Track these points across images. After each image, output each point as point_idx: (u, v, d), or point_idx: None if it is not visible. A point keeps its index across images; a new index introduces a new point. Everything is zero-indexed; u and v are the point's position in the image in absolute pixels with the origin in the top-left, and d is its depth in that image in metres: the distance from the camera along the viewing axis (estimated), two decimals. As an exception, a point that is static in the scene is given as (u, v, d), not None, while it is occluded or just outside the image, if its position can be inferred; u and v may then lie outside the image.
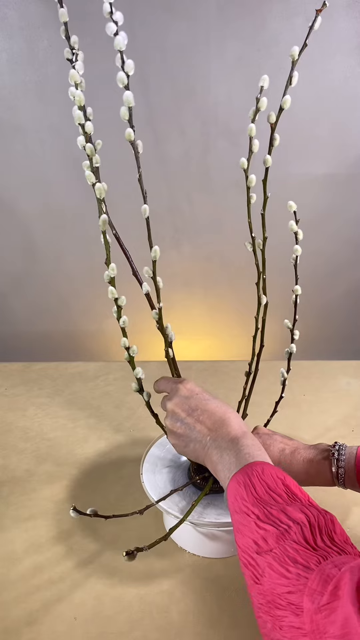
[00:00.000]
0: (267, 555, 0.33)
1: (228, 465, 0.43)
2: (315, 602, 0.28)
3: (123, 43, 0.39)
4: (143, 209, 0.47)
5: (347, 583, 0.27)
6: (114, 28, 0.38)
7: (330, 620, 0.27)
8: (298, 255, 0.57)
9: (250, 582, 0.35)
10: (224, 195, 1.30)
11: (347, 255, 1.42)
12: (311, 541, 0.33)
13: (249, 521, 0.37)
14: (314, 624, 0.28)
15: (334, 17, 1.08)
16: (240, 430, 0.47)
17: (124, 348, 0.54)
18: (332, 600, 0.27)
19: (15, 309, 1.51)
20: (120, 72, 0.41)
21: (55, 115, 1.20)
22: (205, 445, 0.47)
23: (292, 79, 0.49)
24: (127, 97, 0.41)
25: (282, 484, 0.39)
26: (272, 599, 0.32)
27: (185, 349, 1.52)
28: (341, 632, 0.26)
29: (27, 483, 0.73)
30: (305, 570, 0.31)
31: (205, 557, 0.59)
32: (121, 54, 0.40)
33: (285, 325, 0.60)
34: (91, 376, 1.08)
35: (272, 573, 0.32)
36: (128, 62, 0.40)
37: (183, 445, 0.50)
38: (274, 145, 0.52)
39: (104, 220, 0.47)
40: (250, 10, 1.09)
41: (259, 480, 0.39)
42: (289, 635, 0.30)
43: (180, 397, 0.51)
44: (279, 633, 0.31)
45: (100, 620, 0.51)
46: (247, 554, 0.35)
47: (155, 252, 0.49)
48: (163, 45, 1.13)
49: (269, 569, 0.33)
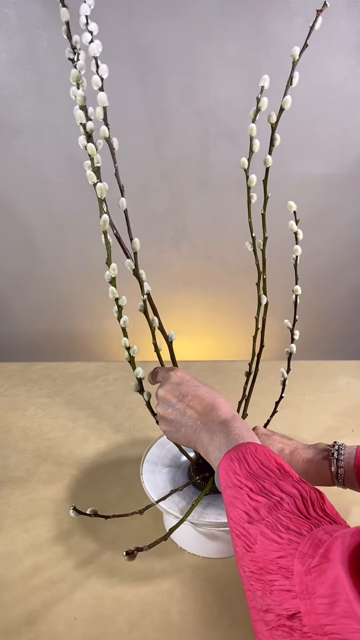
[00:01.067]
0: (260, 524, 0.34)
1: (219, 446, 0.44)
2: (305, 564, 0.29)
3: (97, 50, 0.44)
4: (121, 202, 0.48)
5: (338, 547, 0.27)
6: (89, 37, 0.44)
7: (320, 581, 0.27)
8: (298, 255, 0.57)
9: (242, 552, 0.35)
10: (224, 195, 1.30)
11: (348, 255, 1.42)
12: (304, 511, 0.34)
13: (242, 494, 0.37)
14: (304, 585, 0.28)
15: (334, 17, 1.08)
16: (230, 413, 0.48)
17: (125, 348, 0.54)
18: (322, 562, 0.28)
19: (16, 309, 1.51)
20: (94, 76, 0.45)
21: (56, 115, 1.20)
22: (196, 430, 0.48)
23: (292, 80, 0.49)
24: (101, 97, 0.45)
25: (275, 462, 0.40)
26: (263, 565, 0.32)
27: (185, 349, 1.52)
28: (330, 591, 0.26)
29: (27, 483, 0.73)
30: (297, 536, 0.31)
31: (205, 557, 0.59)
32: (96, 60, 0.44)
33: (285, 325, 0.60)
34: (91, 376, 1.08)
35: (264, 540, 0.33)
36: (102, 66, 0.44)
37: (174, 430, 0.50)
38: (274, 145, 0.52)
39: (105, 220, 0.47)
40: (250, 10, 1.09)
41: (252, 457, 0.40)
42: (279, 598, 0.30)
43: (172, 384, 0.52)
44: (269, 598, 0.31)
45: (100, 620, 0.51)
46: (239, 525, 0.36)
47: (135, 244, 0.50)
48: (163, 45, 1.13)
49: (261, 537, 0.33)
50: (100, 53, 0.44)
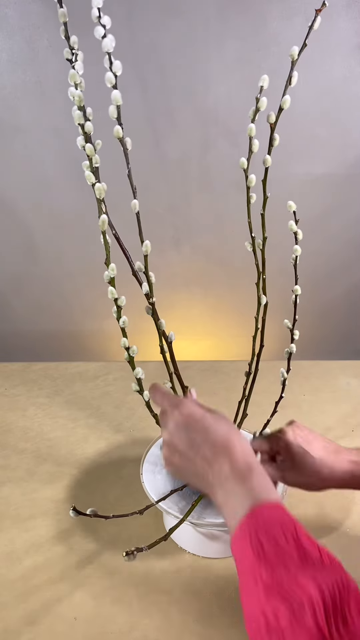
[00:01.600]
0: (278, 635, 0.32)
1: (233, 512, 0.39)
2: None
3: (111, 45, 0.41)
4: (133, 204, 0.47)
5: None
6: (102, 31, 0.41)
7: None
8: (298, 255, 0.57)
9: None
10: (224, 195, 1.30)
11: (347, 255, 1.42)
12: (325, 630, 0.31)
13: (257, 590, 0.34)
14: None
15: (333, 17, 1.08)
16: (245, 463, 0.42)
17: (124, 348, 0.54)
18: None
19: (15, 309, 1.51)
20: (108, 73, 0.43)
21: (55, 115, 1.20)
22: (208, 483, 0.43)
23: (291, 79, 0.49)
24: (115, 95, 0.43)
25: (292, 538, 0.36)
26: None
27: (185, 349, 1.52)
28: None
29: (27, 483, 0.73)
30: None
31: (205, 557, 0.59)
32: (109, 56, 0.42)
33: (285, 325, 0.60)
34: (91, 376, 1.08)
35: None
36: (116, 62, 0.42)
37: (182, 476, 0.46)
38: (273, 145, 0.52)
39: (103, 221, 0.47)
40: (250, 10, 1.09)
41: (266, 534, 0.36)
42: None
43: (178, 427, 0.45)
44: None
45: (100, 620, 0.51)
46: (256, 626, 0.33)
47: (147, 246, 0.49)
48: (163, 45, 1.13)
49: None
50: (113, 48, 0.41)
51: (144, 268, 0.50)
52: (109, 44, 0.41)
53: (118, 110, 0.44)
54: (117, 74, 0.43)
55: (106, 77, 0.43)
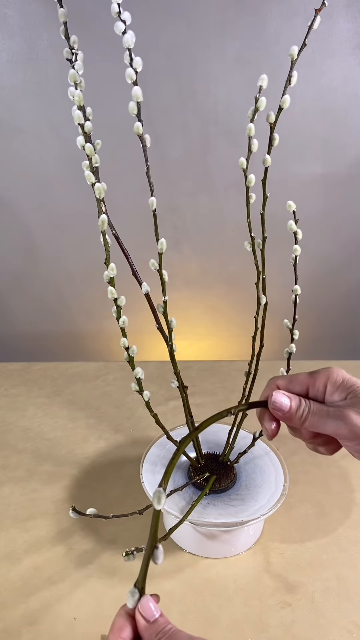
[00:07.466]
0: None
1: None
2: None
3: (132, 41, 0.41)
4: (150, 201, 0.47)
5: None
6: (122, 27, 0.40)
7: None
8: (297, 255, 0.57)
9: None
10: (224, 195, 1.30)
11: (347, 255, 1.42)
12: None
13: None
14: None
15: (333, 17, 1.08)
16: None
17: (124, 348, 0.54)
18: None
19: (15, 309, 1.51)
20: (128, 69, 0.42)
21: (55, 115, 1.20)
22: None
23: (291, 79, 0.49)
24: (136, 92, 0.42)
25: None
26: None
27: (185, 349, 1.52)
28: None
29: (27, 483, 0.73)
30: None
31: (205, 557, 0.59)
32: (129, 51, 0.41)
33: (285, 325, 0.60)
34: (91, 376, 1.08)
35: None
36: (136, 59, 0.42)
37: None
38: (273, 145, 0.52)
39: (103, 220, 0.47)
40: (250, 10, 1.09)
41: None
42: None
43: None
44: None
45: (100, 620, 0.51)
46: None
47: (162, 244, 0.49)
48: (163, 45, 1.13)
49: None
50: (134, 44, 0.41)
51: (157, 266, 0.50)
52: (129, 39, 0.41)
53: (138, 107, 0.43)
54: (137, 70, 0.42)
55: (126, 73, 0.42)
